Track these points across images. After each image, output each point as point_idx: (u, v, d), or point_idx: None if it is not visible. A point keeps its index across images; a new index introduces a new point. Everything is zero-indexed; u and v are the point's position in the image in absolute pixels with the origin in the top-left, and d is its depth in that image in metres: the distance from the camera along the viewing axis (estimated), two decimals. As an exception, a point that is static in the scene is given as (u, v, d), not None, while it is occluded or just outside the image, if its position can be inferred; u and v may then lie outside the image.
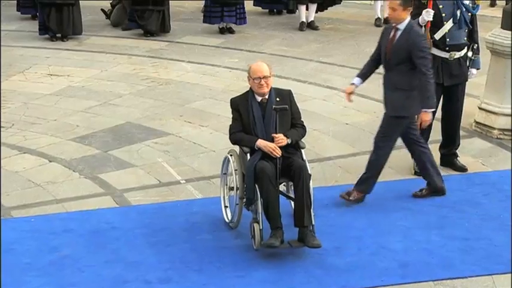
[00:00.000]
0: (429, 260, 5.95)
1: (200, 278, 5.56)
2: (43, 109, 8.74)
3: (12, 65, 10.26)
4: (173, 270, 5.65)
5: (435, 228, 6.43)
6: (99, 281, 5.48)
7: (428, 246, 6.14)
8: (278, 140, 5.97)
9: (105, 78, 9.88)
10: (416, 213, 6.69)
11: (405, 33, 6.55)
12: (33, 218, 6.33)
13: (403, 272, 5.78)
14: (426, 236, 6.31)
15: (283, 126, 6.08)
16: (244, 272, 5.66)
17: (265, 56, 11.10)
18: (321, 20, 13.11)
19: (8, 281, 5.41)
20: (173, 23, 12.29)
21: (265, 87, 6.05)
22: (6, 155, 7.48)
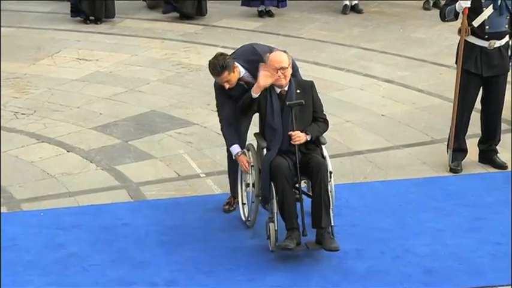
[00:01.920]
0: (456, 266, 5.63)
1: (209, 281, 5.36)
2: (67, 95, 8.62)
3: (41, 49, 10.18)
4: (181, 271, 5.46)
5: (467, 231, 6.10)
6: (103, 281, 5.33)
7: (458, 250, 5.82)
8: (295, 138, 5.71)
9: (134, 64, 9.71)
10: (449, 214, 6.35)
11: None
12: (43, 212, 6.22)
13: (427, 279, 5.48)
14: (456, 239, 5.98)
15: (303, 121, 5.82)
16: (256, 276, 5.44)
17: (303, 41, 10.83)
18: (366, 3, 12.72)
19: (8, 280, 5.29)
20: (211, 6, 12.04)
21: (283, 79, 5.79)
22: (24, 143, 7.41)
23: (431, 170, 7.15)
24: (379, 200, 6.57)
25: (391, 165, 7.22)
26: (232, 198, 6.35)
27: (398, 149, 7.59)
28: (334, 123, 8.00)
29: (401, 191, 6.74)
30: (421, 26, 11.55)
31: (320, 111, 5.97)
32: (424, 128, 8.03)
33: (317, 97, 5.98)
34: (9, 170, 6.85)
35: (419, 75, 9.62)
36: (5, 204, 6.33)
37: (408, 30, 11.54)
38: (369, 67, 9.88)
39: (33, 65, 9.57)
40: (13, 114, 8.06)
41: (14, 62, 9.61)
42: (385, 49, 10.62)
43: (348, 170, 7.07)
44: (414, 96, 8.94)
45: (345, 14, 12.30)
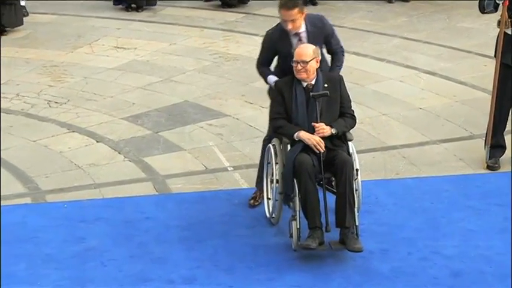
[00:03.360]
0: (486, 269, 5.41)
1: (227, 279, 5.23)
2: (102, 84, 8.60)
3: (81, 37, 10.22)
4: (200, 269, 5.34)
5: (499, 232, 5.86)
6: (120, 277, 5.24)
7: (488, 252, 5.59)
8: (319, 130, 5.54)
9: (172, 52, 9.66)
10: (482, 214, 6.13)
11: (312, 29, 5.89)
12: (66, 204, 6.17)
13: (454, 282, 5.27)
14: (488, 240, 5.75)
15: (329, 115, 5.65)
16: (276, 275, 5.30)
17: (345, 30, 10.61)
18: (413, -10, 12.49)
19: (25, 273, 5.25)
20: (254, -7, 11.97)
21: (303, 73, 5.62)
22: (54, 133, 7.40)
23: (467, 167, 6.92)
24: (410, 198, 6.37)
25: (426, 161, 7.01)
26: (258, 193, 6.22)
27: (434, 144, 7.37)
28: (370, 116, 7.89)
29: (434, 188, 6.52)
30: (469, 15, 11.21)
31: (348, 107, 5.78)
32: (463, 123, 7.79)
33: (345, 92, 5.80)
34: (37, 160, 6.86)
35: (462, 67, 9.35)
36: (30, 195, 6.32)
37: (455, 19, 11.28)
38: (410, 58, 9.67)
39: (71, 53, 9.59)
40: (47, 103, 8.07)
41: (53, 50, 9.70)
42: (429, 39, 10.39)
43: (380, 166, 6.88)
44: (456, 88, 8.69)
45: (391, 3, 12.11)
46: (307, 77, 5.65)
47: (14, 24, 10.25)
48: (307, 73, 5.63)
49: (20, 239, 5.65)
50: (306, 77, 5.65)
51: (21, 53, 9.53)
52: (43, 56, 9.43)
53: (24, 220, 5.91)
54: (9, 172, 6.63)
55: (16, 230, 5.77)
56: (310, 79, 5.67)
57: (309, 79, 5.67)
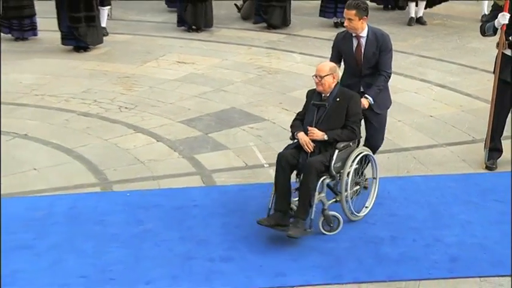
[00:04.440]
0: (481, 255, 5.25)
1: (258, 260, 5.16)
2: (164, 93, 8.57)
3: (150, 53, 10.21)
4: (236, 250, 5.28)
5: (494, 224, 5.69)
6: (170, 256, 5.20)
7: (484, 241, 5.43)
8: (310, 132, 5.44)
9: (223, 67, 9.60)
10: (480, 208, 5.94)
11: (371, 40, 5.68)
12: (129, 193, 6.15)
13: (452, 266, 5.13)
14: (484, 231, 5.58)
15: (328, 123, 5.48)
16: (298, 256, 5.21)
17: (370, 49, 10.45)
18: (430, 15, 12.24)
19: (92, 250, 5.26)
20: (294, 17, 11.84)
21: (320, 86, 5.51)
22: (122, 133, 7.38)
23: (469, 167, 6.73)
24: (418, 193, 6.20)
25: (433, 162, 6.84)
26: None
27: (441, 147, 7.19)
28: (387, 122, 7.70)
29: (439, 185, 6.35)
30: (477, 37, 10.71)
31: (352, 121, 5.51)
32: (467, 129, 7.58)
33: (354, 109, 5.52)
34: (107, 155, 6.85)
35: (469, 81, 9.12)
36: (100, 184, 6.31)
37: (465, 40, 11.02)
38: (425, 73, 9.46)
39: (140, 67, 9.59)
40: (118, 108, 8.07)
41: (126, 64, 9.71)
42: (442, 57, 10.17)
43: (394, 165, 6.74)
44: (462, 99, 8.48)
45: (410, 26, 11.88)
46: (323, 89, 5.53)
47: (96, 42, 10.32)
48: (323, 86, 5.51)
49: (91, 221, 5.66)
50: (322, 90, 5.53)
51: (101, 67, 9.58)
52: (118, 69, 9.47)
53: (95, 205, 5.92)
54: (84, 165, 6.63)
55: (87, 213, 5.79)
56: (326, 92, 5.54)
57: (325, 92, 5.54)
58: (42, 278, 4.91)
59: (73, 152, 6.90)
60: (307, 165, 5.35)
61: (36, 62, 9.63)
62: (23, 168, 6.54)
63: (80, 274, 4.96)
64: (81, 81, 8.93)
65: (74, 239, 5.39)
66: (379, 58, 5.70)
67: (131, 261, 5.13)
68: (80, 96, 8.37)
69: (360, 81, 5.79)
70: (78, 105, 8.12)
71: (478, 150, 6.92)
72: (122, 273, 4.99)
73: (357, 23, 5.62)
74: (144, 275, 4.96)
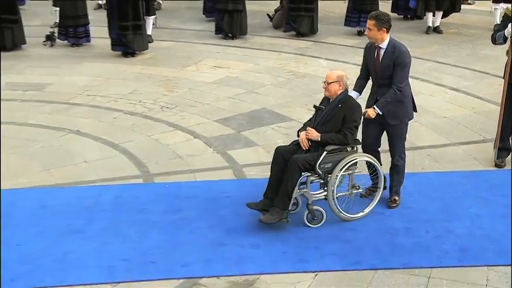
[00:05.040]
0: (488, 246, 5.19)
1: (283, 247, 5.16)
2: (202, 94, 8.56)
3: (190, 58, 10.19)
4: (263, 238, 5.27)
5: (502, 217, 5.60)
6: (203, 242, 5.23)
7: (491, 233, 5.37)
8: (307, 132, 5.40)
9: (256, 71, 9.56)
10: (488, 203, 5.85)
11: (389, 52, 5.50)
12: (168, 184, 6.17)
13: (462, 256, 5.08)
14: (491, 224, 5.52)
15: (325, 126, 5.41)
16: (319, 244, 5.20)
17: (390, 55, 10.32)
18: (446, 25, 12.02)
19: (134, 236, 5.29)
20: (321, 26, 11.70)
21: (326, 91, 5.48)
22: (163, 130, 7.39)
23: (479, 165, 6.63)
24: (431, 188, 6.14)
25: (446, 159, 6.74)
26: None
27: (454, 145, 7.08)
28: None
29: (451, 181, 6.27)
30: (489, 44, 10.29)
31: (346, 127, 5.38)
32: (478, 129, 7.46)
33: (351, 116, 5.39)
34: (149, 150, 6.87)
35: (481, 85, 8.96)
36: (143, 176, 6.34)
37: (478, 48, 10.80)
38: (440, 78, 9.31)
39: (181, 70, 9.59)
40: (160, 108, 8.07)
41: (168, 68, 9.70)
42: (457, 63, 9.99)
43: (409, 162, 6.57)
44: (474, 102, 8.33)
45: (427, 34, 11.66)
46: (329, 95, 5.48)
47: (142, 48, 10.33)
48: (329, 92, 5.46)
49: (134, 210, 5.70)
50: (328, 95, 5.49)
51: (146, 70, 9.59)
52: (161, 72, 9.48)
53: (137, 195, 5.94)
54: (129, 159, 6.66)
55: (131, 202, 5.82)
56: (331, 97, 5.49)
57: (331, 97, 5.49)
58: (91, 259, 4.96)
59: (119, 146, 6.93)
60: (291, 160, 5.30)
61: (88, 65, 9.70)
62: (75, 161, 6.61)
63: (123, 257, 5.00)
64: (128, 83, 8.97)
65: (119, 225, 5.43)
66: (393, 71, 5.48)
67: (169, 246, 5.16)
68: (126, 97, 8.42)
69: (377, 91, 5.65)
70: (125, 105, 8.15)
71: (488, 149, 6.80)
72: (161, 256, 5.01)
73: (376, 33, 5.49)
74: (180, 258, 4.99)
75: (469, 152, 6.93)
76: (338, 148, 5.37)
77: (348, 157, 5.42)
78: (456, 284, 4.77)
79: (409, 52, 5.59)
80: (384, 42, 5.52)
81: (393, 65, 5.47)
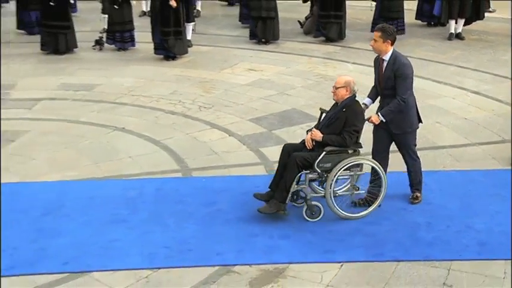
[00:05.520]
0: (506, 241, 5.09)
1: (311, 238, 5.13)
2: (237, 95, 8.55)
3: (226, 61, 10.19)
4: (291, 229, 5.26)
5: (520, 214, 5.48)
6: (236, 232, 5.22)
7: (509, 229, 5.22)
8: (311, 133, 5.37)
9: (287, 74, 9.51)
10: (506, 200, 5.72)
11: (390, 64, 5.37)
12: (205, 178, 6.18)
13: (480, 250, 5.00)
14: (509, 220, 5.35)
15: (329, 128, 5.37)
16: (345, 236, 5.16)
17: (413, 59, 9.79)
18: (468, 31, 11.79)
19: (174, 225, 5.31)
20: (349, 32, 11.59)
21: (334, 95, 5.42)
22: (201, 128, 7.40)
23: (498, 164, 6.49)
24: (452, 186, 6.04)
25: (467, 159, 6.62)
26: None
27: (474, 145, 6.94)
28: (426, 124, 7.43)
29: (471, 179, 6.16)
30: (509, 50, 10.50)
31: (346, 131, 5.30)
32: (498, 130, 7.30)
33: (351, 120, 5.31)
34: (188, 147, 6.88)
35: (500, 88, 8.76)
36: (181, 171, 6.35)
37: (499, 53, 10.58)
38: (462, 81, 9.13)
39: (218, 73, 9.60)
40: (198, 108, 8.09)
41: (206, 70, 9.71)
42: (478, 67, 9.79)
43: (431, 160, 6.54)
44: (494, 104, 8.16)
45: (450, 40, 11.45)
46: (337, 99, 5.43)
47: (182, 52, 10.37)
48: (336, 96, 5.41)
49: (173, 201, 5.72)
50: (336, 99, 5.43)
51: (185, 73, 9.61)
52: (199, 74, 9.49)
53: (176, 188, 5.97)
54: (169, 154, 6.68)
55: (171, 194, 5.84)
56: (338, 101, 5.43)
57: (338, 101, 5.43)
58: (133, 246, 5.00)
59: (161, 143, 6.96)
60: (291, 157, 5.28)
61: (133, 68, 9.78)
62: (120, 156, 6.66)
63: (163, 245, 5.03)
64: (169, 84, 9.01)
65: (159, 216, 5.46)
66: (395, 83, 5.34)
67: (205, 235, 5.18)
68: (167, 97, 8.45)
69: (383, 101, 5.54)
70: (166, 104, 8.18)
71: (507, 149, 6.65)
72: (197, 245, 5.03)
73: (381, 45, 5.37)
74: (215, 247, 5.00)
75: (488, 151, 6.78)
76: (337, 150, 5.28)
77: (347, 159, 5.31)
78: (475, 277, 4.69)
79: (410, 65, 5.43)
80: (387, 54, 5.41)
81: (394, 77, 5.34)
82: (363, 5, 13.19)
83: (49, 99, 8.25)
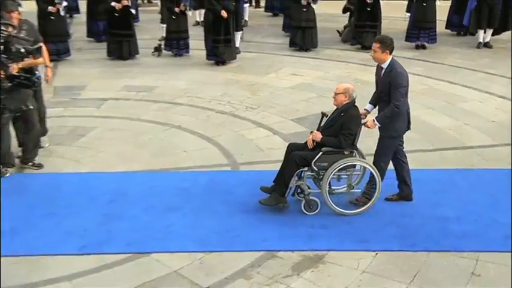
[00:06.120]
0: (530, 235, 4.92)
1: (348, 228, 5.08)
2: (280, 97, 8.54)
3: (271, 67, 10.18)
4: (330, 220, 5.22)
5: (545, 210, 5.31)
6: (280, 221, 5.20)
7: (533, 224, 5.08)
8: (312, 134, 5.33)
9: (326, 78, 9.44)
10: (532, 197, 5.57)
11: (387, 71, 5.24)
12: (252, 172, 6.18)
13: (505, 242, 4.85)
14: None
15: (328, 130, 5.31)
16: (380, 227, 5.10)
17: (444, 66, 9.99)
18: (496, 41, 11.48)
19: (223, 214, 5.34)
20: (384, 41, 11.45)
21: (334, 101, 5.36)
22: (248, 127, 7.41)
23: (523, 163, 6.31)
24: (480, 183, 5.89)
25: (494, 158, 6.45)
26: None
27: (501, 146, 6.76)
28: (456, 125, 7.38)
29: (498, 177, 5.99)
30: None
31: (341, 133, 5.23)
32: (523, 132, 7.11)
33: (347, 124, 5.24)
34: (236, 143, 6.90)
35: (526, 94, 8.52)
36: (230, 165, 6.36)
37: (524, 61, 10.27)
38: (489, 86, 8.90)
39: (264, 77, 9.60)
40: (245, 108, 8.11)
41: (253, 75, 9.73)
42: (504, 74, 9.50)
43: (460, 159, 6.40)
44: (520, 108, 7.94)
45: (478, 48, 11.19)
46: (336, 104, 5.36)
47: (231, 58, 10.41)
48: (336, 101, 5.34)
49: (223, 192, 5.74)
50: (336, 104, 5.36)
51: (234, 77, 9.65)
52: (247, 78, 9.51)
53: (226, 180, 5.99)
54: (219, 150, 6.71)
55: (221, 186, 5.86)
56: (338, 106, 5.37)
57: (337, 106, 5.37)
58: (188, 231, 5.05)
59: (212, 140, 7.00)
60: (291, 155, 5.27)
61: (188, 72, 9.86)
62: (176, 150, 6.73)
63: (214, 230, 5.07)
64: (220, 87, 9.05)
65: (211, 204, 5.49)
66: (390, 90, 5.22)
67: (251, 223, 5.18)
68: (218, 99, 8.50)
69: (380, 105, 5.44)
70: (217, 105, 8.23)
71: (533, 150, 6.48)
72: (245, 231, 5.05)
73: (380, 55, 5.27)
74: (261, 234, 5.01)
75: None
76: (334, 150, 5.22)
77: (342, 160, 5.23)
78: (501, 267, 4.58)
79: (405, 75, 5.28)
80: (385, 62, 5.30)
81: (389, 84, 5.23)
82: (397, 15, 13.00)
83: (114, 99, 8.42)
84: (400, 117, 5.31)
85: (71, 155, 6.47)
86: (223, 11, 9.83)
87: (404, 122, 5.37)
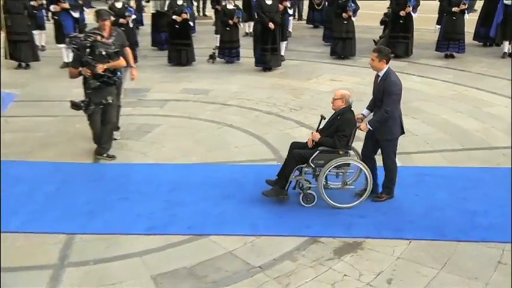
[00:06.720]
0: (554, 229, 4.75)
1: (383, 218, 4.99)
2: (320, 100, 8.47)
3: (312, 73, 10.13)
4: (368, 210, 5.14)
5: None
6: (321, 210, 5.17)
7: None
8: (312, 135, 5.26)
9: (362, 84, 9.29)
10: (555, 194, 5.37)
11: (382, 80, 5.09)
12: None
13: (530, 235, 4.69)
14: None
15: (326, 131, 5.26)
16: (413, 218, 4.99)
17: (470, 74, 9.71)
18: (520, 50, 11.11)
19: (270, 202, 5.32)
20: (415, 50, 11.23)
21: (333, 105, 5.28)
22: (292, 126, 7.38)
23: (548, 163, 6.08)
24: (506, 180, 5.70)
25: (519, 158, 6.25)
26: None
27: (526, 147, 6.55)
28: (483, 127, 7.17)
29: (524, 175, 5.82)
30: None
31: (336, 135, 5.17)
32: (547, 135, 6.84)
33: (342, 127, 5.18)
34: (281, 140, 6.83)
35: (550, 100, 8.19)
36: (276, 160, 6.32)
37: (547, 69, 9.89)
38: (514, 92, 8.64)
39: (305, 82, 9.56)
40: (289, 109, 8.10)
41: (296, 80, 9.69)
42: (528, 81, 9.21)
43: (487, 159, 6.23)
44: (544, 113, 7.65)
45: (503, 58, 10.83)
46: (334, 108, 5.29)
47: (276, 65, 10.40)
48: (334, 106, 5.25)
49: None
50: (334, 108, 5.29)
51: (279, 81, 9.64)
52: (290, 83, 9.49)
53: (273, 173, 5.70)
54: (266, 146, 6.72)
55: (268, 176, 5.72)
56: (336, 110, 5.31)
57: (335, 110, 5.31)
58: (240, 217, 5.08)
59: (260, 137, 7.01)
60: (291, 153, 5.23)
61: (238, 77, 9.91)
62: (229, 146, 6.76)
63: (264, 217, 5.05)
64: (266, 91, 9.06)
65: (259, 194, 5.44)
66: (383, 97, 5.11)
67: (296, 211, 5.18)
68: (265, 101, 8.51)
69: (374, 110, 5.31)
70: (264, 106, 8.24)
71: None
72: (291, 218, 5.05)
73: (377, 63, 5.15)
74: (305, 221, 5.01)
75: (538, 153, 6.38)
76: (329, 150, 5.16)
77: (337, 159, 5.15)
78: (526, 258, 4.45)
79: (399, 84, 5.13)
80: (381, 71, 5.17)
81: (383, 91, 5.11)
82: (428, 27, 12.73)
83: (175, 100, 8.55)
84: (393, 121, 5.21)
85: (139, 148, 6.62)
86: (270, 23, 9.85)
87: (397, 127, 5.26)
